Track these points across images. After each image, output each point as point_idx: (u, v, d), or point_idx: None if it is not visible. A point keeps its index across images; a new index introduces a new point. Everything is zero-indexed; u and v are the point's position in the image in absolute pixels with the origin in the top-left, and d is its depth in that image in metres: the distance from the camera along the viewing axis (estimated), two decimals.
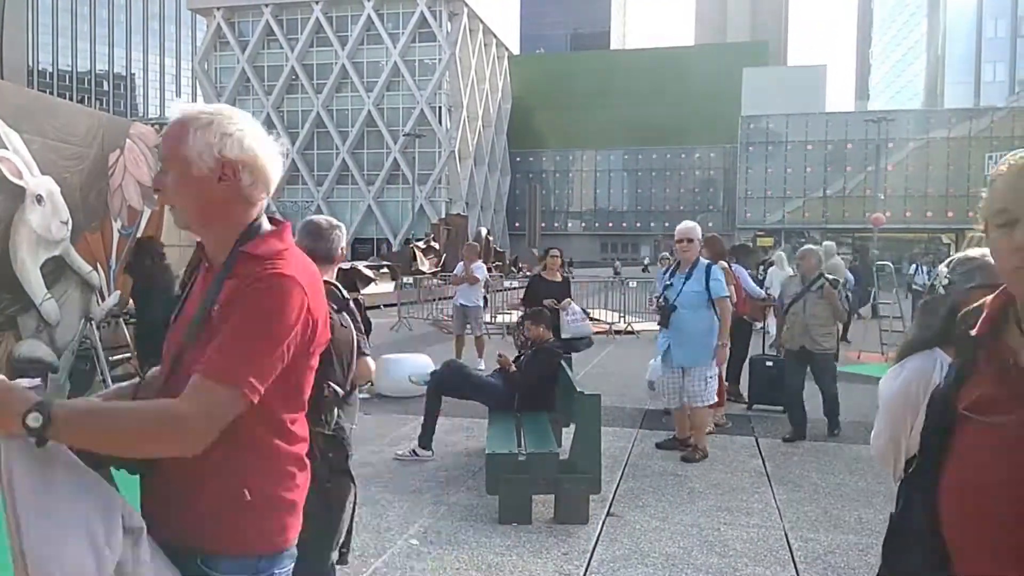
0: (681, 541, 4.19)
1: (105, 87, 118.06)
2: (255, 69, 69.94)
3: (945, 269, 2.16)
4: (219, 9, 69.76)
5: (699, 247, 6.08)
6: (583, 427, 4.62)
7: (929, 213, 61.83)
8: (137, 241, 7.08)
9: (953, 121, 62.75)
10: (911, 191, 62.41)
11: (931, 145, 62.67)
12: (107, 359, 6.48)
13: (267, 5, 68.63)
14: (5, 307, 5.88)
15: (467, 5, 67.95)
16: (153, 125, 9.49)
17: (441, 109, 67.18)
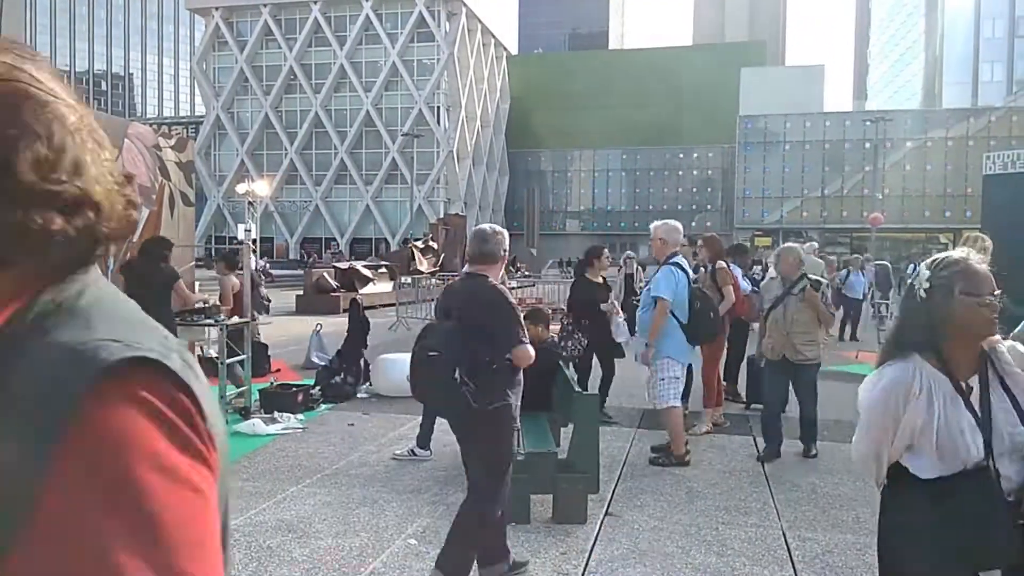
0: (679, 541, 4.20)
1: (103, 87, 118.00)
2: (253, 69, 69.89)
3: (927, 271, 2.11)
4: (217, 9, 69.70)
5: (673, 246, 5.92)
6: (581, 427, 4.62)
7: (927, 213, 61.90)
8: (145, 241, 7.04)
9: (951, 121, 62.82)
10: (909, 191, 62.48)
11: (929, 145, 62.74)
12: None
13: (265, 5, 68.57)
14: None
15: (465, 5, 67.94)
16: (151, 125, 9.49)
17: (439, 109, 67.15)
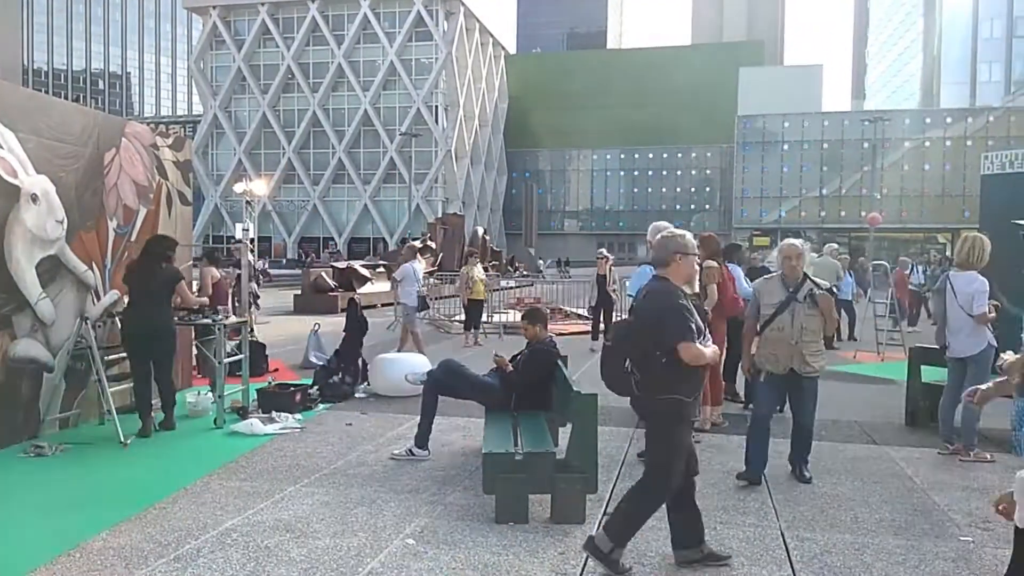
0: None
1: (100, 86, 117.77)
2: (251, 68, 69.81)
3: None
4: (215, 8, 69.64)
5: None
6: (580, 426, 4.61)
7: (925, 213, 62.00)
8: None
9: (949, 121, 62.92)
10: (907, 191, 62.57)
11: (927, 145, 62.84)
12: (102, 358, 6.45)
13: (263, 4, 68.51)
14: (0, 307, 5.86)
15: (463, 4, 67.92)
16: (149, 124, 9.46)
17: (438, 108, 67.13)
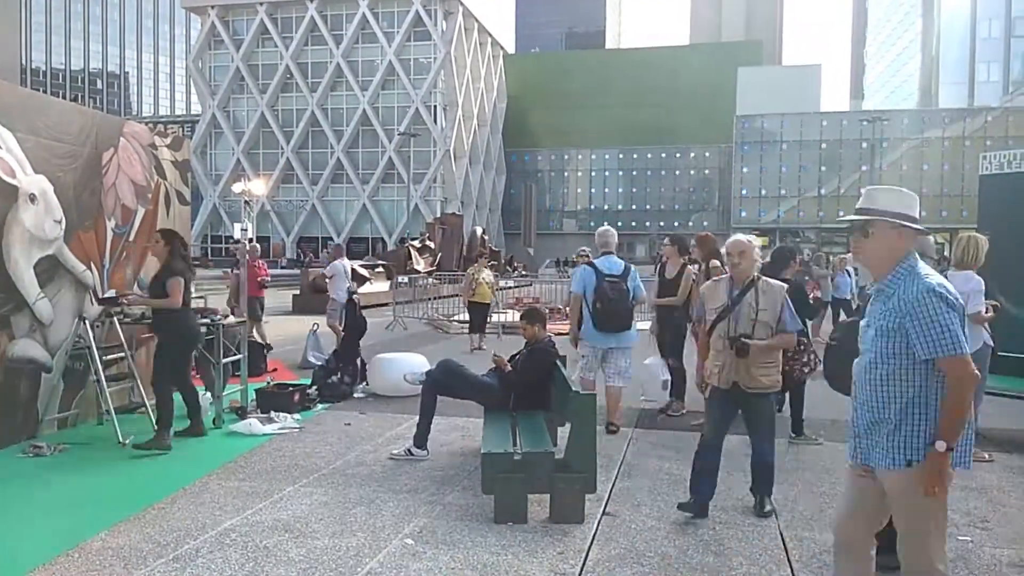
0: (677, 540, 4.19)
1: (99, 85, 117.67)
2: (249, 68, 69.75)
3: None
4: (213, 7, 69.57)
5: (600, 247, 7.02)
6: (579, 426, 4.61)
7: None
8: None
9: (947, 121, 62.97)
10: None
11: (926, 145, 62.88)
12: (101, 358, 6.44)
13: (261, 3, 68.45)
14: None
15: (462, 4, 67.89)
16: (147, 124, 9.46)
17: (436, 108, 67.09)
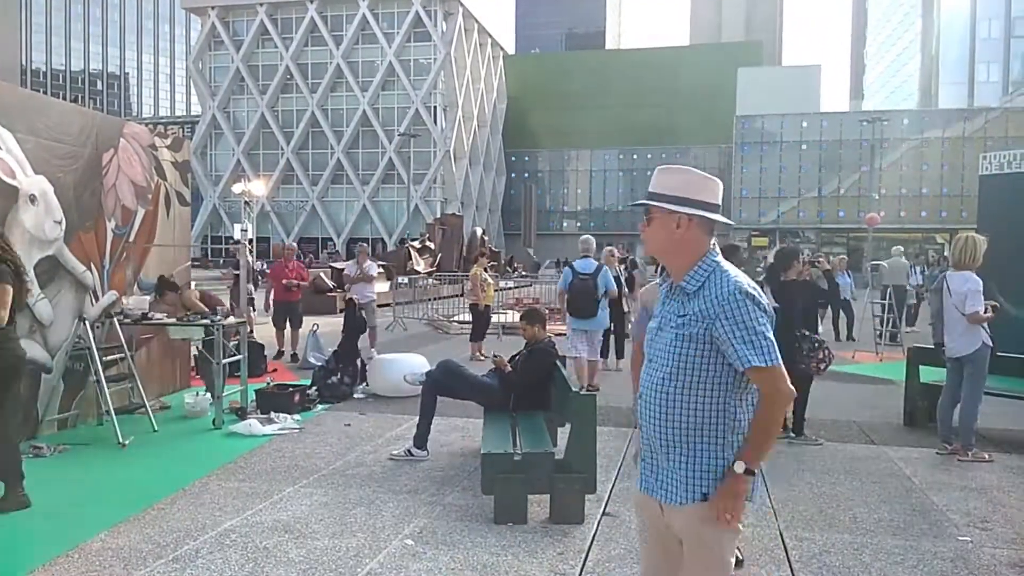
0: None
1: (99, 86, 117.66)
2: (250, 68, 69.75)
3: None
4: (213, 8, 69.56)
5: (583, 252, 8.44)
6: (578, 427, 4.61)
7: (924, 213, 62.00)
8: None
9: (947, 121, 62.91)
10: (906, 191, 62.58)
11: (926, 145, 62.82)
12: (101, 359, 6.44)
13: (261, 4, 68.44)
14: None
15: (462, 5, 67.88)
16: (147, 125, 9.46)
17: (436, 109, 67.08)
